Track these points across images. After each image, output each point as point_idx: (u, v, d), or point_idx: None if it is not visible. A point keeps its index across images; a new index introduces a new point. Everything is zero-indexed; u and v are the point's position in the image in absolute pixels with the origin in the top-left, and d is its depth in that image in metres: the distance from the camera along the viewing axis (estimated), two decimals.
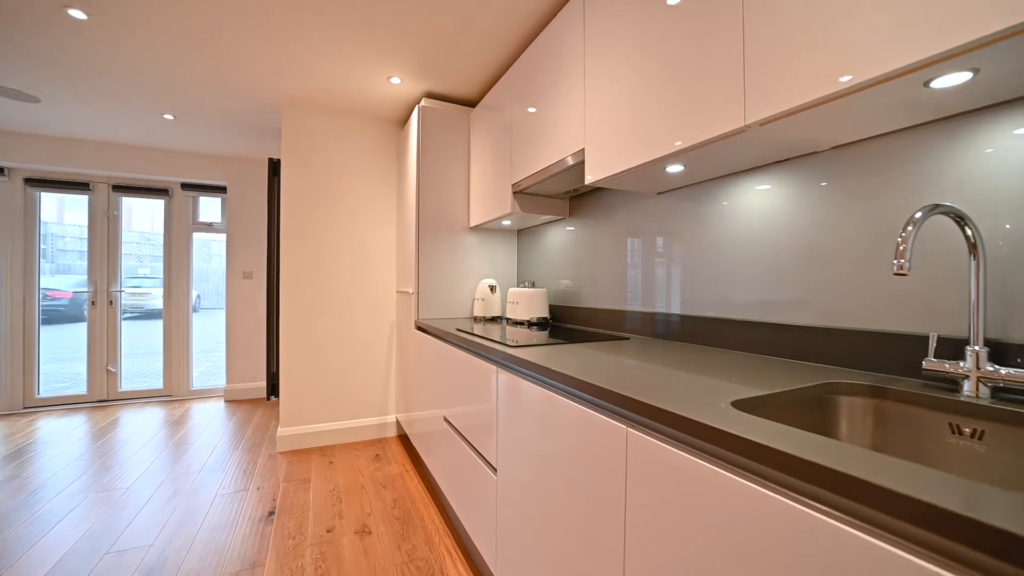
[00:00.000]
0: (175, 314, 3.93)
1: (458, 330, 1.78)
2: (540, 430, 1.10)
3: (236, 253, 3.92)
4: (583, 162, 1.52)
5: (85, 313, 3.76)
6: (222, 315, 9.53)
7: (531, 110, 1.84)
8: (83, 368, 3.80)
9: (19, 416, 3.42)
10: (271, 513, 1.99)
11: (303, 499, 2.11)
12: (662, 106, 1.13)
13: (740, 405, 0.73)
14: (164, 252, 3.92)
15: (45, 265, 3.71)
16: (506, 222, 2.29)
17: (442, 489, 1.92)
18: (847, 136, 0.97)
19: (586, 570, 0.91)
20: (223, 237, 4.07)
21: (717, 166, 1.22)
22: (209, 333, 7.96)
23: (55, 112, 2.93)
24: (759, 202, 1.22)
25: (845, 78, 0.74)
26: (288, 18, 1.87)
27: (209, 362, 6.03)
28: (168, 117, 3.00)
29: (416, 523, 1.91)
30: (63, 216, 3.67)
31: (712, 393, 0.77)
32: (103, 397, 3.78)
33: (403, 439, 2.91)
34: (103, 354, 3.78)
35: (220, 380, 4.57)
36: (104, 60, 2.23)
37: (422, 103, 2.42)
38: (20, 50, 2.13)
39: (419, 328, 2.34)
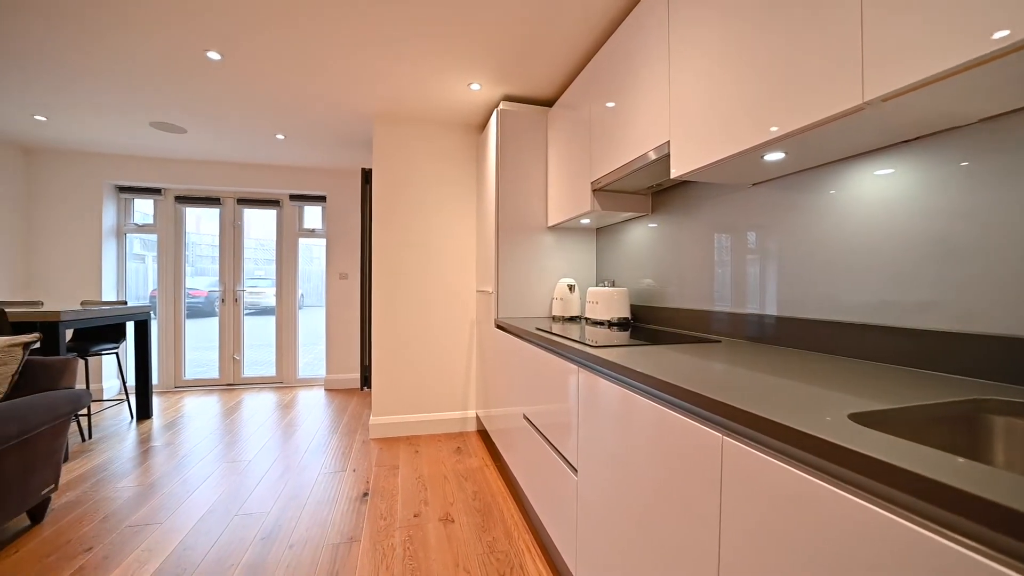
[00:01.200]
0: (285, 311, 4.44)
1: (538, 329, 1.80)
2: (623, 433, 1.07)
3: (334, 256, 4.33)
4: (668, 155, 1.45)
5: (216, 309, 4.40)
6: (321, 312, 10.58)
7: (610, 105, 1.79)
8: (215, 356, 4.45)
9: (171, 393, 4.10)
10: (365, 494, 2.16)
11: (392, 484, 2.27)
12: (760, 89, 1.04)
13: (859, 419, 0.65)
14: (276, 256, 4.45)
15: (187, 268, 4.40)
16: (585, 220, 2.26)
17: (521, 485, 1.95)
18: (1000, 105, 0.81)
19: None
20: (323, 241, 4.51)
21: (826, 151, 1.10)
22: (311, 328, 8.87)
23: (197, 140, 3.46)
24: (877, 189, 1.07)
25: (1001, 34, 0.63)
26: (381, 39, 2.03)
27: (311, 354, 6.72)
28: (280, 137, 3.40)
29: (496, 516, 1.96)
30: (200, 226, 4.34)
31: (822, 404, 0.70)
32: (230, 381, 4.39)
33: (482, 434, 3.00)
34: (230, 345, 4.39)
35: (321, 370, 5.08)
36: (234, 92, 2.58)
37: (500, 106, 2.47)
38: (171, 88, 2.55)
39: (498, 327, 2.40)
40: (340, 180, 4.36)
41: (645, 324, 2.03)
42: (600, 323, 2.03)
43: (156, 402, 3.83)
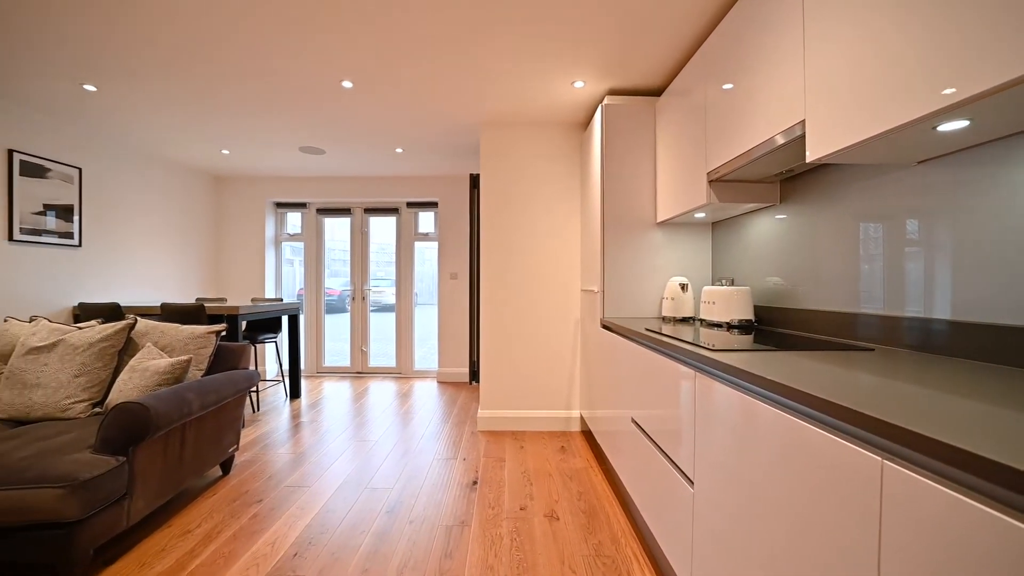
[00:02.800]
0: (403, 308, 4.89)
1: (648, 330, 1.72)
2: (750, 448, 0.97)
3: (445, 257, 4.65)
4: (802, 136, 1.28)
5: (347, 306, 5.02)
6: (434, 310, 11.45)
7: (727, 87, 1.64)
8: (347, 347, 5.08)
9: (314, 378, 4.79)
10: (474, 483, 2.28)
11: (500, 476, 2.36)
12: (938, 42, 0.86)
13: None
14: (395, 258, 4.92)
15: (325, 270, 5.09)
16: (699, 214, 2.10)
17: (628, 490, 1.89)
18: None
19: None
20: (436, 244, 4.87)
21: None
22: (424, 324, 9.65)
23: (333, 158, 3.99)
24: None
25: None
26: (488, 52, 2.12)
27: (425, 348, 7.30)
28: (399, 151, 3.76)
29: (602, 520, 1.93)
30: (333, 234, 5.03)
31: None
32: (359, 370, 4.98)
33: (586, 435, 2.97)
34: (359, 337, 4.97)
35: (434, 363, 5.50)
36: (362, 115, 2.92)
37: (605, 101, 2.42)
38: (314, 116, 2.98)
39: (604, 327, 2.36)
40: (451, 186, 4.67)
41: (771, 327, 1.82)
42: (717, 325, 1.87)
43: (303, 384, 4.51)
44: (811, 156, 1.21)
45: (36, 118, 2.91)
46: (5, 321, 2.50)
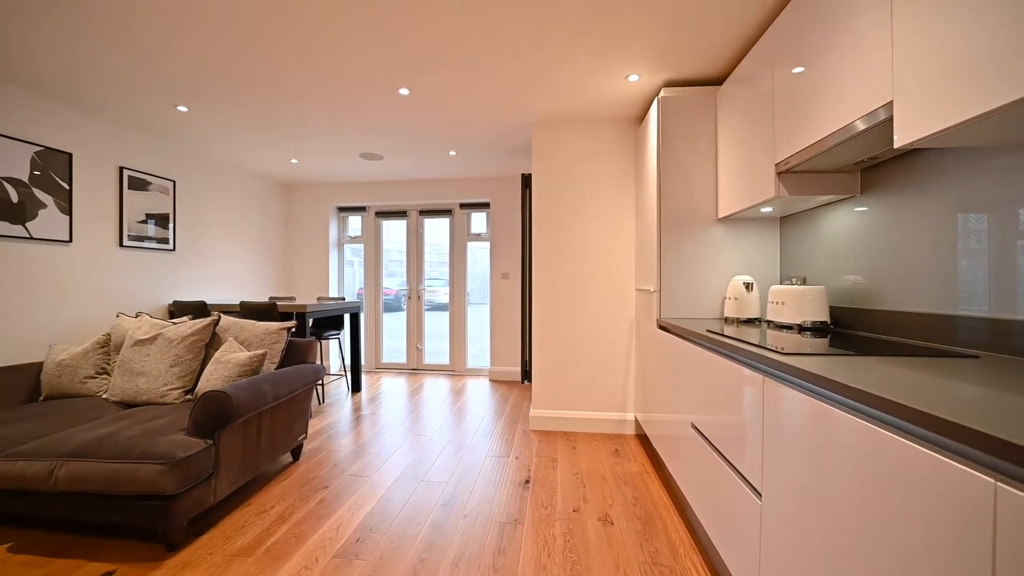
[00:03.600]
0: (456, 307, 5.00)
1: (709, 331, 1.64)
2: (829, 462, 0.90)
3: (497, 257, 4.70)
4: (888, 120, 1.16)
5: (402, 305, 5.21)
6: (484, 309, 11.64)
7: (798, 71, 1.53)
8: (402, 344, 5.28)
9: (373, 373, 5.02)
10: (527, 481, 2.29)
11: (552, 476, 2.35)
12: None
13: None
14: (449, 259, 5.04)
15: (382, 270, 5.32)
16: (766, 209, 1.97)
17: (687, 498, 1.81)
18: None
19: None
20: (487, 244, 4.94)
21: None
22: (475, 323, 9.82)
23: (391, 163, 4.17)
24: None
25: None
26: (539, 48, 2.11)
27: (476, 347, 7.43)
28: (452, 153, 3.85)
29: (658, 527, 1.86)
30: (390, 235, 5.24)
31: None
32: (415, 366, 5.16)
33: (641, 439, 2.89)
34: (415, 335, 5.15)
35: (486, 361, 5.58)
36: (418, 120, 3.02)
37: (661, 94, 2.33)
38: (373, 124, 3.12)
39: (661, 327, 2.27)
40: (502, 187, 4.71)
41: (850, 330, 1.66)
42: (787, 327, 1.74)
43: (363, 379, 4.74)
44: (899, 141, 1.09)
45: (139, 137, 3.28)
46: (117, 317, 2.84)
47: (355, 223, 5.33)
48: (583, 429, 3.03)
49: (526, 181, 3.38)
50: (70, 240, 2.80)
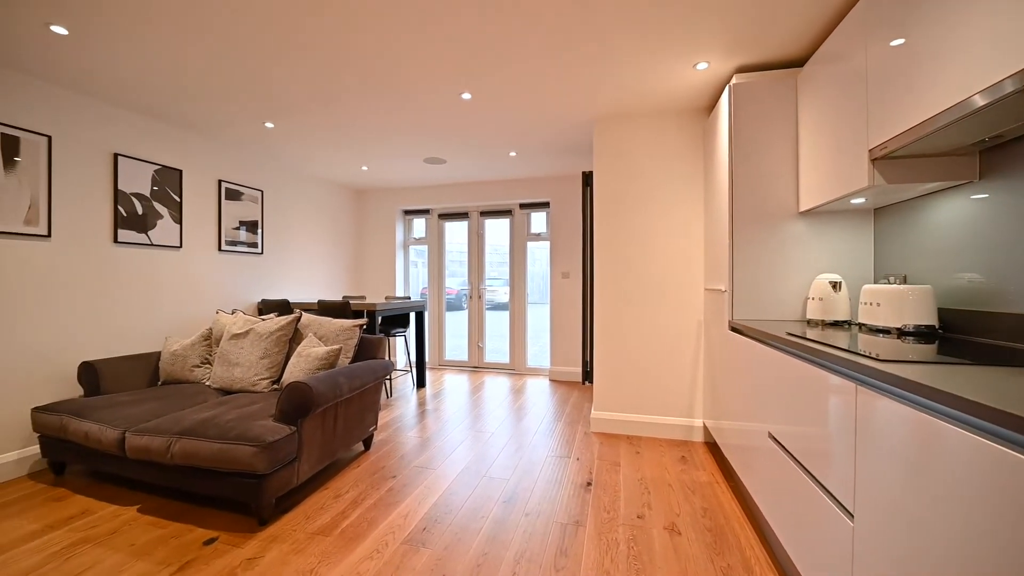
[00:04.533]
0: (516, 307, 5.05)
1: (790, 334, 1.52)
2: (938, 483, 0.79)
3: (557, 256, 4.68)
4: (1019, 92, 1.00)
5: (463, 304, 5.35)
6: (541, 308, 11.63)
7: (896, 43, 1.36)
8: (463, 343, 5.42)
9: (436, 370, 5.21)
10: (588, 484, 2.26)
11: (614, 480, 2.30)
12: None
13: None
14: (508, 258, 5.10)
15: (445, 271, 5.49)
16: (857, 200, 1.78)
17: (763, 513, 1.69)
18: None
19: None
20: (546, 244, 4.93)
21: None
22: (535, 322, 9.84)
23: (453, 167, 4.30)
24: None
25: None
26: (602, 41, 2.07)
27: (535, 346, 7.44)
28: (512, 154, 3.88)
29: (731, 542, 1.75)
30: (451, 237, 5.41)
31: None
32: (476, 364, 5.28)
33: (710, 447, 2.73)
34: (476, 334, 5.27)
35: (545, 361, 5.57)
36: (479, 123, 3.09)
37: (733, 81, 2.19)
38: (437, 129, 3.23)
39: (734, 329, 2.14)
40: (562, 186, 4.68)
41: (964, 335, 1.46)
42: (883, 331, 1.56)
43: (427, 376, 4.93)
44: None
45: (233, 153, 3.66)
46: (216, 313, 3.19)
47: (419, 225, 5.56)
48: (647, 434, 2.93)
49: (587, 179, 3.33)
50: (180, 246, 3.19)
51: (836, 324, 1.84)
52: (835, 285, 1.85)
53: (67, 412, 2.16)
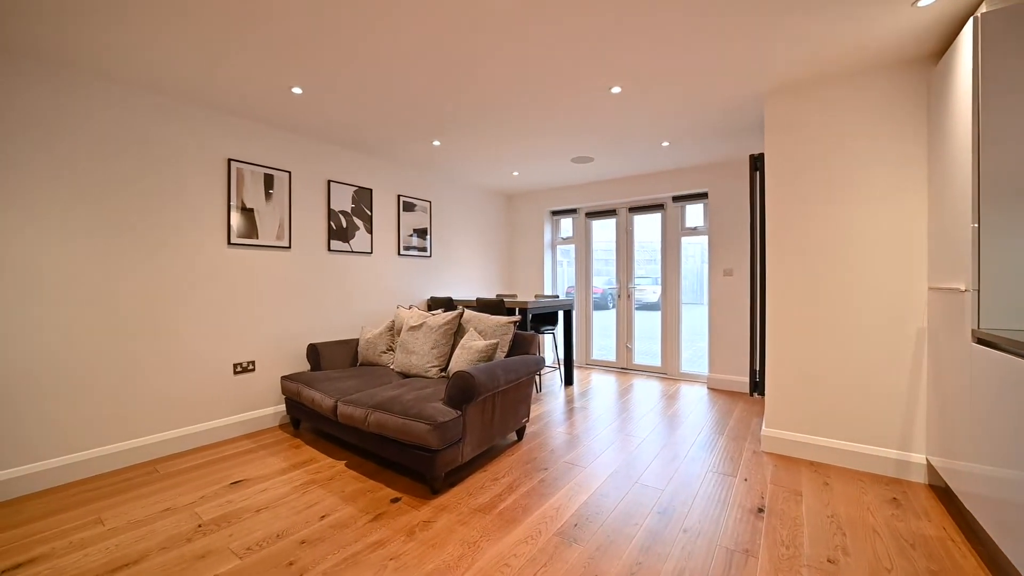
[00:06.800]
0: (669, 307, 4.73)
1: None
2: None
3: (717, 252, 4.23)
4: None
5: (609, 303, 5.22)
6: (696, 309, 10.64)
7: None
8: (611, 343, 5.30)
9: (583, 368, 5.21)
10: (760, 510, 1.97)
11: (795, 511, 1.96)
12: None
13: None
14: (660, 256, 4.80)
15: (592, 269, 5.45)
16: None
17: None
18: None
19: None
20: (702, 239, 4.49)
21: None
22: (687, 324, 9.06)
23: (601, 164, 4.23)
24: None
25: None
26: (762, 8, 1.78)
27: (690, 350, 6.85)
28: (665, 144, 3.64)
29: None
30: (598, 234, 5.33)
31: None
32: (624, 365, 5.11)
33: (938, 491, 2.13)
34: (624, 334, 5.11)
35: (701, 367, 5.09)
36: (629, 117, 2.97)
37: (982, 9, 1.65)
38: (584, 128, 3.22)
39: (982, 342, 1.62)
40: (721, 174, 4.21)
41: None
42: None
43: (575, 374, 4.97)
44: None
45: (407, 170, 4.27)
46: (397, 308, 3.74)
47: (566, 225, 5.63)
48: (838, 462, 2.42)
49: (755, 162, 2.92)
50: (371, 252, 3.86)
51: None
52: None
53: (301, 382, 2.81)
